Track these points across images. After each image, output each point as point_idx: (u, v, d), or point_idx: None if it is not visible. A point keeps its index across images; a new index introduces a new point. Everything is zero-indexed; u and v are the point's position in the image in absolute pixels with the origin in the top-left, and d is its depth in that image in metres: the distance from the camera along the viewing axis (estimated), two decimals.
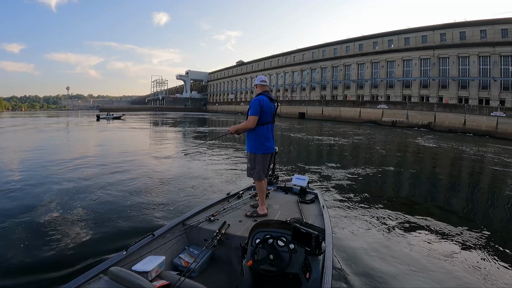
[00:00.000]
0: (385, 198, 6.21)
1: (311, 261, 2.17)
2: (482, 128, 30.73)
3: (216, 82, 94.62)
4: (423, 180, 8.74)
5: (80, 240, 3.78)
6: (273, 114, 3.42)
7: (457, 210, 5.99)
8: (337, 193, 6.42)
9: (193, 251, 2.79)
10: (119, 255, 2.27)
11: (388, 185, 7.86)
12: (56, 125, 28.82)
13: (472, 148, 17.74)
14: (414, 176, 9.29)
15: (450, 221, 4.95)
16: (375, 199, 6.09)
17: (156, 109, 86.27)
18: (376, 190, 6.94)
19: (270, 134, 3.39)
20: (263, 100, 3.28)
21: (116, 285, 1.82)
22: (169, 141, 16.99)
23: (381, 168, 9.94)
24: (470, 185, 8.59)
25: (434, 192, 7.23)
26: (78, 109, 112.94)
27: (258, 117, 3.26)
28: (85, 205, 5.07)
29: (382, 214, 5.16)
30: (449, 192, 7.57)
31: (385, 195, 6.48)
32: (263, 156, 3.38)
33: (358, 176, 8.27)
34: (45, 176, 7.17)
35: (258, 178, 3.38)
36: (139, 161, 9.54)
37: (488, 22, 35.36)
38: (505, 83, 33.97)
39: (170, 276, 2.16)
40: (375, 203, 5.82)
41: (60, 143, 14.92)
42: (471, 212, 5.99)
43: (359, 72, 49.84)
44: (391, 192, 6.94)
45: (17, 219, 4.39)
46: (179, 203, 5.30)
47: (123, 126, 26.14)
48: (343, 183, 7.43)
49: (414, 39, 42.95)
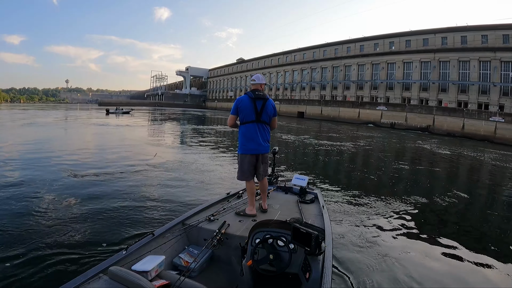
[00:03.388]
0: (386, 199, 6.17)
1: (311, 261, 2.16)
2: (481, 133, 30.73)
3: (216, 79, 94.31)
4: (425, 182, 8.60)
5: (79, 240, 3.75)
6: (257, 113, 3.26)
7: (463, 214, 5.89)
8: (337, 193, 6.38)
9: (193, 251, 2.78)
10: (118, 255, 2.26)
11: (389, 186, 7.75)
12: (76, 121, 28.44)
13: (484, 154, 17.50)
14: (415, 176, 9.19)
15: (455, 224, 4.94)
16: (376, 199, 6.06)
17: (155, 105, 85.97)
18: (377, 190, 6.87)
19: (253, 134, 3.28)
20: (241, 99, 3.30)
21: (116, 284, 1.82)
22: (170, 137, 16.87)
23: (381, 169, 9.86)
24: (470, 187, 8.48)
25: (438, 196, 6.91)
26: (77, 102, 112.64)
27: (235, 116, 3.33)
28: (84, 204, 5.00)
29: (382, 214, 5.13)
30: (454, 192, 7.29)
31: (386, 195, 6.42)
32: (242, 156, 3.36)
33: (358, 177, 8.23)
34: (49, 171, 7.13)
35: (238, 177, 3.41)
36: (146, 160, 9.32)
37: (490, 27, 35.45)
38: (505, 89, 34.04)
39: (170, 276, 2.15)
40: (376, 203, 5.79)
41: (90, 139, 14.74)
42: (478, 222, 5.58)
43: (359, 73, 49.82)
44: (392, 193, 6.83)
45: (17, 214, 4.40)
46: (179, 203, 5.27)
47: (134, 124, 25.05)
48: (343, 183, 7.32)
49: (415, 41, 42.95)
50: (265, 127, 3.35)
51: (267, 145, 3.41)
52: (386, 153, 14.70)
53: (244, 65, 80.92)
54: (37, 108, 53.70)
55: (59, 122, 24.96)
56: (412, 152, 16.64)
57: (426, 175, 9.74)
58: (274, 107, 3.42)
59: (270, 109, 3.34)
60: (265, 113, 3.29)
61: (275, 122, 3.49)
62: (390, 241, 4.11)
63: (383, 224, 4.70)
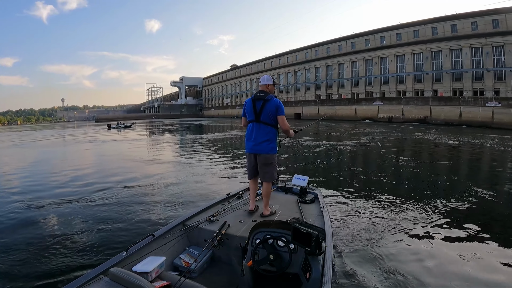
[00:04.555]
0: (388, 198, 5.99)
1: (311, 261, 2.17)
2: (478, 119, 30.62)
3: (211, 87, 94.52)
4: (427, 177, 8.30)
5: (80, 241, 3.79)
6: (256, 113, 3.35)
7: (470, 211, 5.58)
8: (338, 193, 6.29)
9: (193, 252, 2.80)
10: (119, 256, 2.28)
11: (391, 184, 7.54)
12: (82, 138, 28.40)
13: (488, 141, 17.24)
14: (418, 171, 9.00)
15: (461, 222, 4.70)
16: (377, 199, 5.93)
17: (152, 117, 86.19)
18: (378, 189, 6.70)
19: (250, 134, 3.41)
20: (245, 102, 3.49)
21: (116, 285, 1.83)
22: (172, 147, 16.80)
23: (382, 166, 9.72)
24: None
25: (442, 194, 6.50)
26: (74, 120, 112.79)
27: (244, 117, 3.54)
28: (85, 207, 5.18)
29: (384, 214, 5.04)
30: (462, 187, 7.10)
31: (388, 194, 6.23)
32: (246, 155, 3.56)
33: (359, 176, 8.09)
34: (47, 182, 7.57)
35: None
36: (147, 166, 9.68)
37: (479, 13, 35.60)
38: (499, 73, 34.13)
39: (170, 277, 2.16)
40: (378, 202, 5.68)
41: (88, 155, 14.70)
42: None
43: (352, 70, 49.96)
44: (395, 191, 6.60)
45: (19, 218, 4.59)
46: (180, 203, 5.34)
47: (138, 138, 25.04)
48: (343, 183, 7.24)
49: (406, 34, 43.18)
50: (265, 127, 3.33)
51: (266, 144, 3.34)
52: (387, 149, 14.44)
53: (237, 71, 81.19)
54: (40, 128, 53.60)
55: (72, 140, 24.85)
56: (413, 145, 16.35)
57: (428, 169, 9.41)
58: (277, 107, 3.33)
59: (271, 109, 3.31)
60: (264, 113, 3.31)
61: (283, 121, 3.35)
62: (391, 240, 4.04)
63: (385, 223, 4.64)
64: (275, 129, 3.38)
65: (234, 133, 25.07)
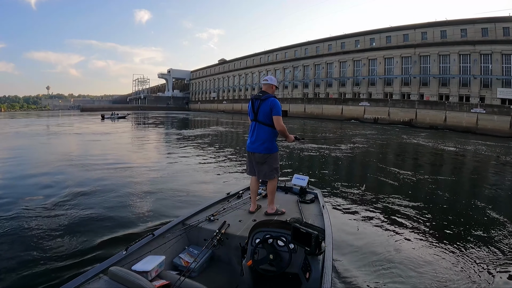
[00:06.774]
0: (386, 198, 6.04)
1: (311, 261, 2.16)
2: (463, 124, 30.65)
3: (199, 81, 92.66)
4: (423, 179, 8.07)
5: (79, 240, 3.72)
6: (254, 112, 3.36)
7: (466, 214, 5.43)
8: (337, 193, 6.31)
9: (193, 251, 2.78)
10: (119, 255, 2.24)
11: (388, 185, 7.40)
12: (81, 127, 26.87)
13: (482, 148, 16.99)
14: (411, 173, 8.72)
15: (459, 224, 4.79)
16: (376, 199, 5.98)
17: (138, 108, 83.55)
18: (377, 189, 6.82)
19: (249, 132, 3.45)
20: (249, 101, 3.47)
21: (116, 285, 1.81)
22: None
23: (381, 168, 9.41)
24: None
25: (439, 197, 6.54)
26: (58, 109, 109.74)
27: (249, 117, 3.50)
28: (85, 205, 5.05)
29: (383, 214, 5.06)
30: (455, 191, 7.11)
31: (386, 194, 6.27)
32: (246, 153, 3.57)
33: (358, 176, 8.19)
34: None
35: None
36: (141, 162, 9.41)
37: (469, 21, 35.67)
38: (485, 81, 34.17)
39: (170, 276, 2.13)
40: (376, 203, 5.71)
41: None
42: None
43: (341, 70, 49.49)
44: (392, 192, 6.56)
45: (17, 214, 4.50)
46: (179, 203, 5.33)
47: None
48: (343, 183, 7.20)
49: (395, 37, 42.94)
50: (262, 127, 3.33)
51: (259, 144, 3.34)
52: (377, 150, 14.37)
53: (226, 65, 79.71)
54: (19, 116, 50.79)
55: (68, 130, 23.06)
56: (400, 147, 16.29)
57: (422, 171, 9.36)
58: (272, 106, 3.27)
59: (265, 109, 3.28)
60: (261, 113, 3.32)
61: (278, 122, 3.27)
62: (391, 240, 4.08)
63: (384, 223, 4.67)
64: (274, 129, 3.33)
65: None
